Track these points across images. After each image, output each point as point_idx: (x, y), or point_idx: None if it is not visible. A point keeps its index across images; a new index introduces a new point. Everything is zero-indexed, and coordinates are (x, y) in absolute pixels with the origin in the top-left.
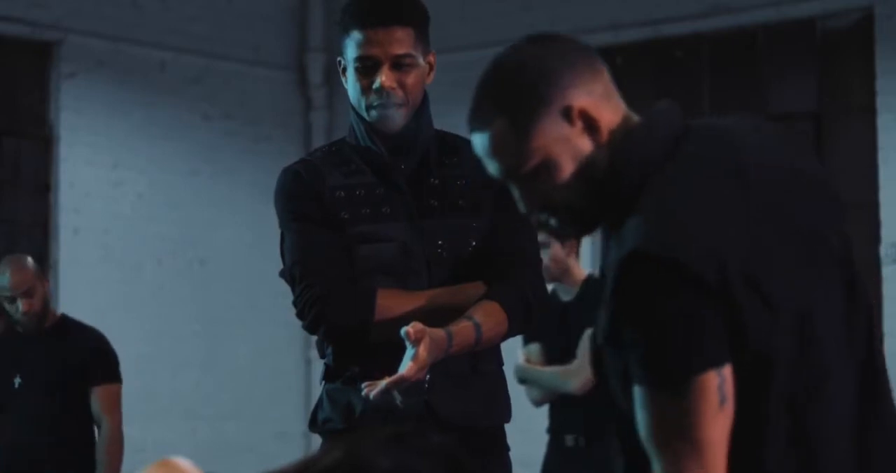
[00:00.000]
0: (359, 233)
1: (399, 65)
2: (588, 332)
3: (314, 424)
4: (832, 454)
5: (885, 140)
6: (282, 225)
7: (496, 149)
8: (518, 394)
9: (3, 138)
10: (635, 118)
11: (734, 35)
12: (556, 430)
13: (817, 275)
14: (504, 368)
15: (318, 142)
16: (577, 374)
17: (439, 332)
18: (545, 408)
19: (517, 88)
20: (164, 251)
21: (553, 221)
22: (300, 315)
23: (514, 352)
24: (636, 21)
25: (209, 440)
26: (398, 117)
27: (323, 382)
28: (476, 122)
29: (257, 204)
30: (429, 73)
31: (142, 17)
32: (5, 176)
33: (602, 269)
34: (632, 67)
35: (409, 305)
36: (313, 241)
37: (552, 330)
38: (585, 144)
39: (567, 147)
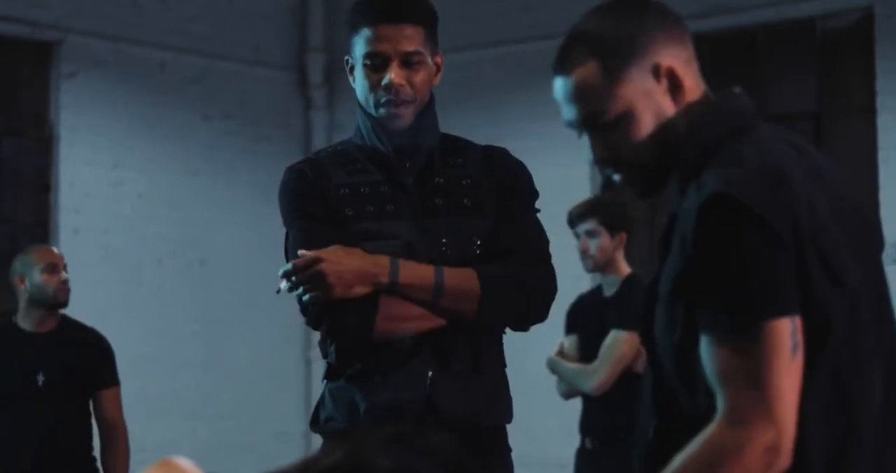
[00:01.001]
0: (362, 231)
1: (408, 62)
2: (613, 334)
3: (316, 423)
4: (872, 432)
5: (885, 140)
6: (286, 223)
7: (582, 93)
8: (520, 394)
9: (3, 138)
10: (712, 95)
11: (734, 35)
12: (580, 431)
13: (865, 277)
14: (507, 370)
15: (318, 142)
16: (593, 375)
17: (382, 257)
18: (546, 409)
19: (614, 36)
20: (164, 251)
21: (618, 177)
22: (303, 312)
23: (522, 354)
24: None
25: (209, 440)
26: (406, 115)
27: (325, 381)
28: (564, 65)
29: (257, 204)
30: (436, 74)
31: (142, 17)
32: (5, 176)
33: (665, 233)
34: None
35: (411, 305)
36: (317, 240)
37: (591, 324)
38: (667, 104)
39: (650, 103)
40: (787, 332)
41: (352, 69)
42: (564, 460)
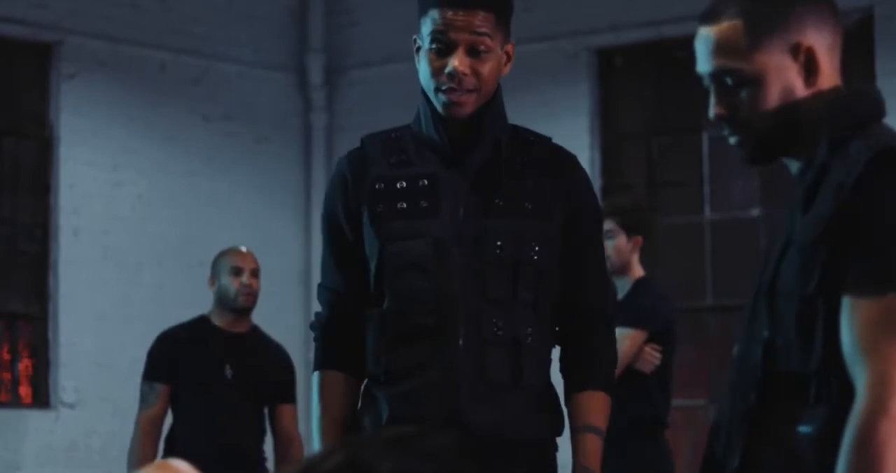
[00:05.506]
0: (390, 229)
1: (475, 50)
2: (616, 331)
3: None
4: None
5: None
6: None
7: (721, 47)
8: None
9: (3, 138)
10: (843, 89)
11: None
12: None
13: None
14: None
15: (318, 143)
16: None
17: None
18: None
19: (767, 4)
20: (164, 251)
21: (733, 138)
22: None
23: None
24: (636, 21)
25: None
26: (468, 104)
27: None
28: (711, 17)
29: (257, 204)
30: (506, 64)
31: (142, 18)
32: (5, 176)
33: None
34: (632, 67)
35: None
36: (332, 260)
37: None
38: (798, 85)
39: (781, 78)
40: None
41: (418, 50)
42: (564, 460)
